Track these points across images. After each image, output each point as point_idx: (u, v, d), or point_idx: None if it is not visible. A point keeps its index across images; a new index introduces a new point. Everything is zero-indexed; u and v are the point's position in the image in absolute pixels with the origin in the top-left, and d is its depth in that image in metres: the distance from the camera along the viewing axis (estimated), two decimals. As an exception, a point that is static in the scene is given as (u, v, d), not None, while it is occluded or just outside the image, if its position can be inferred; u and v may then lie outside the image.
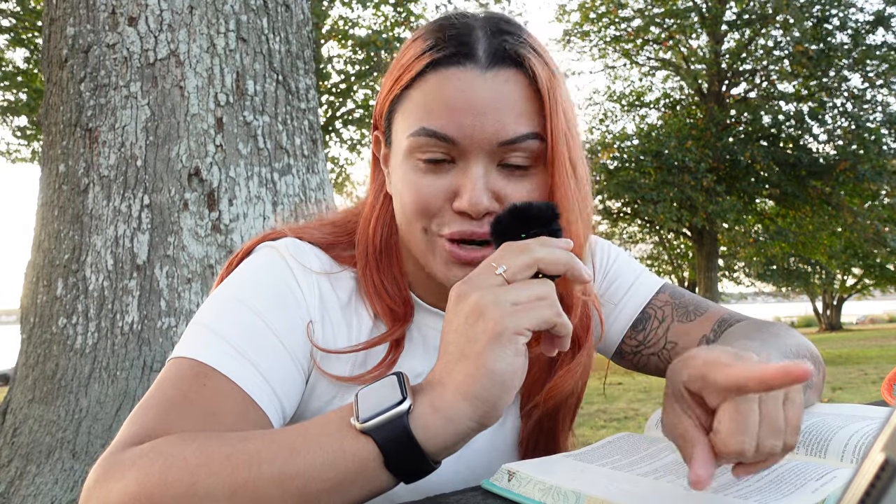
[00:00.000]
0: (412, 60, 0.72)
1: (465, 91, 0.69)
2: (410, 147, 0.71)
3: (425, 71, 0.70)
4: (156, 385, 0.66)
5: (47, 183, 2.67)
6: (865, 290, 27.29)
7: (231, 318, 0.71)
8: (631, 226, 18.93)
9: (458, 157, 0.70)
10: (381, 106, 0.77)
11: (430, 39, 0.72)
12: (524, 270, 0.58)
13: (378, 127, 0.80)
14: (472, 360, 0.55)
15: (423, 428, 0.54)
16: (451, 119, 0.69)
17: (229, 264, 0.81)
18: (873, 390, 7.20)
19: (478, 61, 0.69)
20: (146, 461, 0.55)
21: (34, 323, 2.58)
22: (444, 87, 0.69)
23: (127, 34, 2.54)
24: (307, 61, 2.94)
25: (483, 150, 0.69)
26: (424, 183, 0.71)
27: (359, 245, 0.82)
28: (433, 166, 0.71)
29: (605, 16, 15.73)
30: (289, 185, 2.69)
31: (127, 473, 0.55)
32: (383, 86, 0.77)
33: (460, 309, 0.57)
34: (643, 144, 14.55)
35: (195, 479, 0.54)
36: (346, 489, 0.55)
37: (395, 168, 0.75)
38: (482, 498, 0.66)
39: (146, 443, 0.58)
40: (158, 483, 0.54)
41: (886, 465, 0.25)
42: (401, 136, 0.73)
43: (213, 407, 0.64)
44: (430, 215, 0.71)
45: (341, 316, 0.79)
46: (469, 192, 0.68)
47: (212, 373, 0.66)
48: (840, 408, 0.80)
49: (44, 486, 2.26)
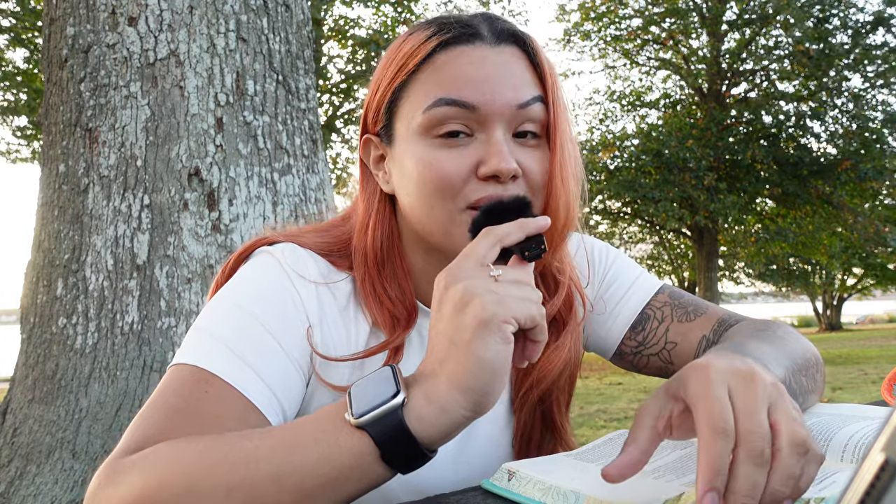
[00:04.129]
0: (417, 47, 0.73)
1: (479, 62, 0.72)
2: (427, 123, 0.72)
3: (434, 52, 0.73)
4: (157, 392, 0.66)
5: (47, 183, 2.68)
6: (865, 290, 27.30)
7: (231, 323, 0.71)
8: (631, 226, 18.93)
9: (478, 127, 0.72)
10: (378, 101, 0.77)
11: (432, 27, 0.74)
12: (492, 249, 0.61)
13: (369, 128, 0.80)
14: (461, 348, 0.55)
15: (417, 420, 0.55)
16: (470, 87, 0.71)
17: (224, 270, 0.81)
18: (873, 390, 7.20)
19: (485, 39, 0.73)
20: (146, 465, 0.56)
21: (34, 323, 2.58)
22: (458, 62, 0.72)
23: (127, 34, 2.54)
24: (307, 61, 2.94)
25: (503, 116, 0.71)
26: (445, 158, 0.71)
27: (356, 253, 0.80)
28: (451, 141, 0.72)
29: (605, 15, 15.72)
30: (289, 185, 2.69)
31: (127, 478, 0.56)
32: (378, 82, 0.78)
33: (448, 298, 0.58)
34: (643, 144, 14.55)
35: (192, 479, 0.54)
36: (343, 484, 0.55)
37: (403, 156, 0.75)
38: (482, 498, 0.66)
39: (146, 448, 0.59)
40: (157, 485, 0.54)
41: (886, 465, 0.25)
42: (410, 118, 0.73)
43: (215, 413, 0.64)
44: (455, 190, 0.71)
45: (339, 322, 0.79)
46: (496, 155, 0.70)
47: (213, 379, 0.66)
48: (840, 408, 0.80)
49: (44, 486, 2.26)
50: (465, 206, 0.72)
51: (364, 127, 0.81)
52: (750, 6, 14.49)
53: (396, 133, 0.76)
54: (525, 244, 0.65)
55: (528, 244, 0.65)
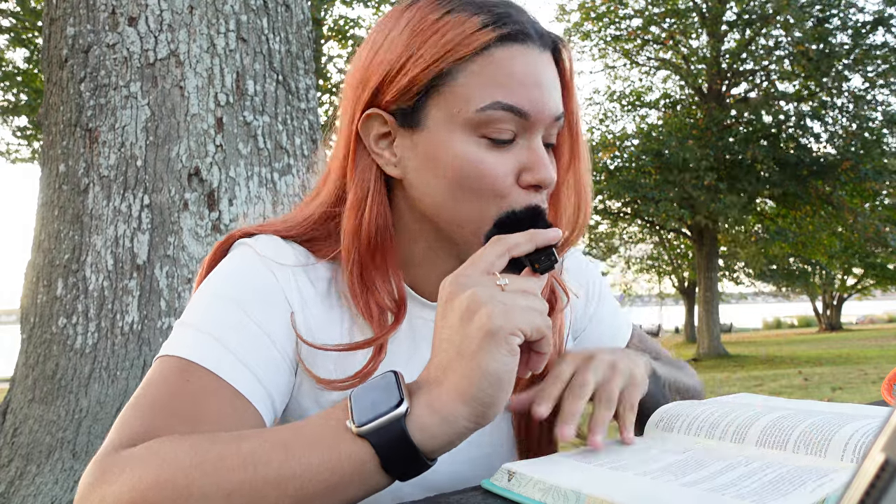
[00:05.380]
0: (471, 32, 0.68)
1: (532, 68, 0.70)
2: (478, 121, 0.69)
3: (491, 46, 0.68)
4: (142, 386, 0.65)
5: (47, 183, 2.68)
6: (865, 291, 27.30)
7: (213, 314, 0.69)
8: (631, 226, 18.94)
9: (521, 133, 0.71)
10: (409, 80, 0.70)
11: (485, 15, 0.69)
12: (500, 258, 0.62)
13: (379, 103, 0.72)
14: (467, 359, 0.55)
15: (420, 430, 0.55)
16: (525, 94, 0.69)
17: (204, 264, 0.79)
18: (873, 390, 7.20)
19: (535, 41, 0.71)
20: (140, 463, 0.56)
21: (34, 323, 2.58)
22: (515, 62, 0.69)
23: (127, 34, 2.54)
24: (307, 61, 2.94)
25: (543, 125, 0.71)
26: (493, 161, 0.70)
27: (346, 236, 0.74)
28: (498, 144, 0.70)
29: (605, 15, 15.73)
30: (289, 185, 2.70)
31: (121, 476, 0.55)
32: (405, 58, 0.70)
33: (455, 306, 0.58)
34: (644, 144, 14.55)
35: (189, 480, 0.54)
36: (343, 490, 0.55)
37: (435, 145, 0.70)
38: (482, 498, 0.66)
39: (139, 445, 0.58)
40: (153, 485, 0.54)
41: (886, 465, 0.25)
42: (456, 110, 0.69)
43: (202, 405, 0.63)
44: (498, 194, 0.70)
45: (321, 309, 0.76)
46: (542, 166, 0.70)
47: (197, 369, 0.65)
48: (840, 408, 0.80)
49: (44, 486, 2.26)
50: (506, 211, 0.70)
51: (369, 100, 0.73)
52: (750, 6, 14.49)
53: (429, 118, 0.70)
54: (535, 255, 0.65)
55: (538, 255, 0.65)
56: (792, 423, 0.70)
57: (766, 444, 0.69)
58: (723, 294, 25.19)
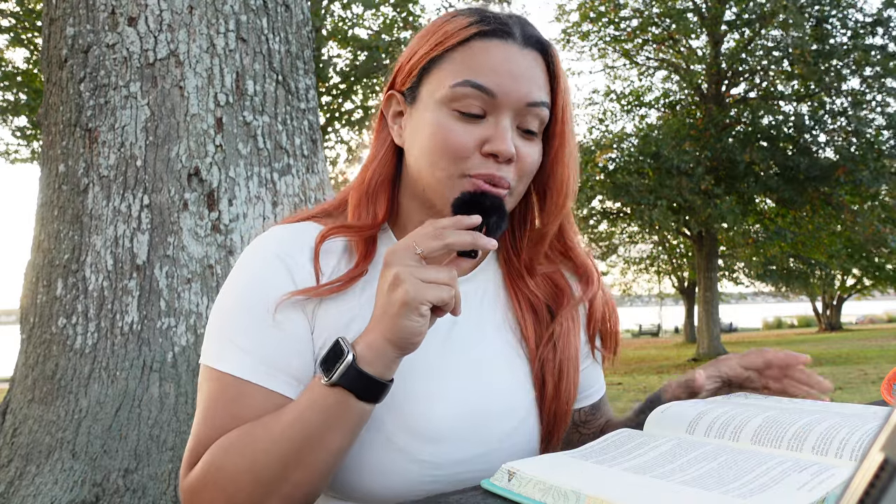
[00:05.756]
0: (458, 29, 0.84)
1: (506, 58, 0.83)
2: (450, 96, 0.83)
3: (471, 38, 0.84)
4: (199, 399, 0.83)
5: (47, 183, 2.67)
6: (865, 291, 27.29)
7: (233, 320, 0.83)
8: (631, 226, 18.92)
9: (490, 111, 0.83)
10: (412, 65, 0.88)
11: (475, 17, 0.85)
12: (439, 251, 0.74)
13: (397, 86, 0.90)
14: (390, 317, 0.73)
15: (367, 364, 0.74)
16: (494, 78, 0.82)
17: None
18: (873, 390, 7.20)
19: (516, 40, 0.84)
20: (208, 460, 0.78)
21: (34, 323, 2.58)
22: (490, 53, 0.83)
23: (127, 34, 2.54)
24: (307, 61, 2.94)
25: (513, 108, 0.83)
26: (458, 129, 0.83)
27: (353, 192, 0.91)
28: (466, 117, 0.83)
29: (604, 15, 15.73)
30: (288, 185, 2.70)
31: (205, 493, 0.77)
32: (415, 50, 0.88)
33: (386, 276, 0.74)
34: (641, 146, 14.54)
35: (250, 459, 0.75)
36: (343, 424, 0.75)
37: (421, 117, 0.86)
38: (482, 498, 0.66)
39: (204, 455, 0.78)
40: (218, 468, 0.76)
41: (886, 464, 0.25)
42: (437, 88, 0.84)
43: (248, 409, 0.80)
44: (460, 158, 0.83)
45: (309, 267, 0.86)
46: (500, 139, 0.82)
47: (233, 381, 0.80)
48: (840, 407, 0.80)
49: (44, 486, 2.26)
50: (464, 174, 0.83)
51: (392, 83, 0.92)
52: (749, 6, 14.48)
53: (421, 96, 0.87)
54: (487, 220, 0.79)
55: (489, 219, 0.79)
56: (789, 420, 0.70)
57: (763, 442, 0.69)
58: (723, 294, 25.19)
